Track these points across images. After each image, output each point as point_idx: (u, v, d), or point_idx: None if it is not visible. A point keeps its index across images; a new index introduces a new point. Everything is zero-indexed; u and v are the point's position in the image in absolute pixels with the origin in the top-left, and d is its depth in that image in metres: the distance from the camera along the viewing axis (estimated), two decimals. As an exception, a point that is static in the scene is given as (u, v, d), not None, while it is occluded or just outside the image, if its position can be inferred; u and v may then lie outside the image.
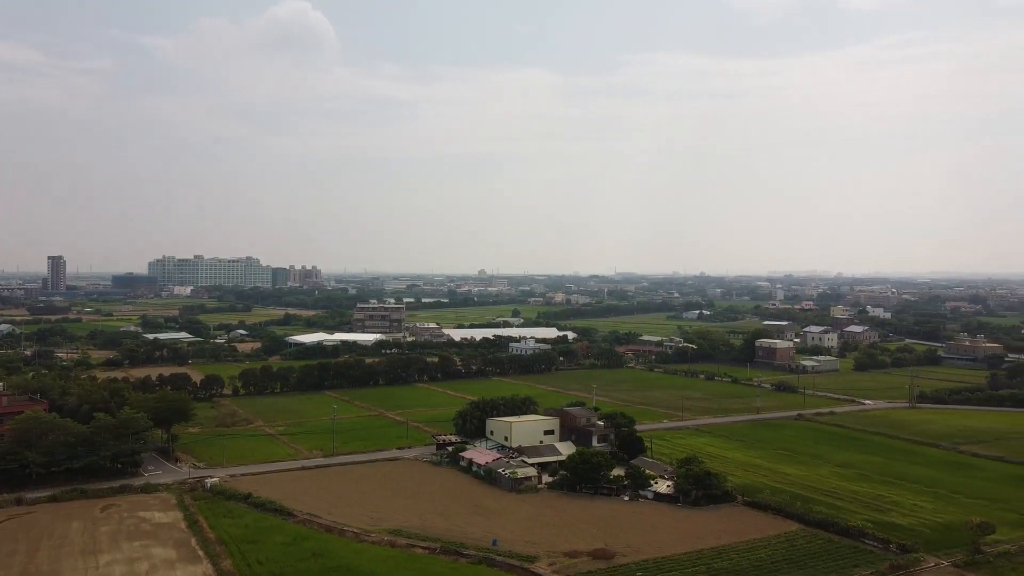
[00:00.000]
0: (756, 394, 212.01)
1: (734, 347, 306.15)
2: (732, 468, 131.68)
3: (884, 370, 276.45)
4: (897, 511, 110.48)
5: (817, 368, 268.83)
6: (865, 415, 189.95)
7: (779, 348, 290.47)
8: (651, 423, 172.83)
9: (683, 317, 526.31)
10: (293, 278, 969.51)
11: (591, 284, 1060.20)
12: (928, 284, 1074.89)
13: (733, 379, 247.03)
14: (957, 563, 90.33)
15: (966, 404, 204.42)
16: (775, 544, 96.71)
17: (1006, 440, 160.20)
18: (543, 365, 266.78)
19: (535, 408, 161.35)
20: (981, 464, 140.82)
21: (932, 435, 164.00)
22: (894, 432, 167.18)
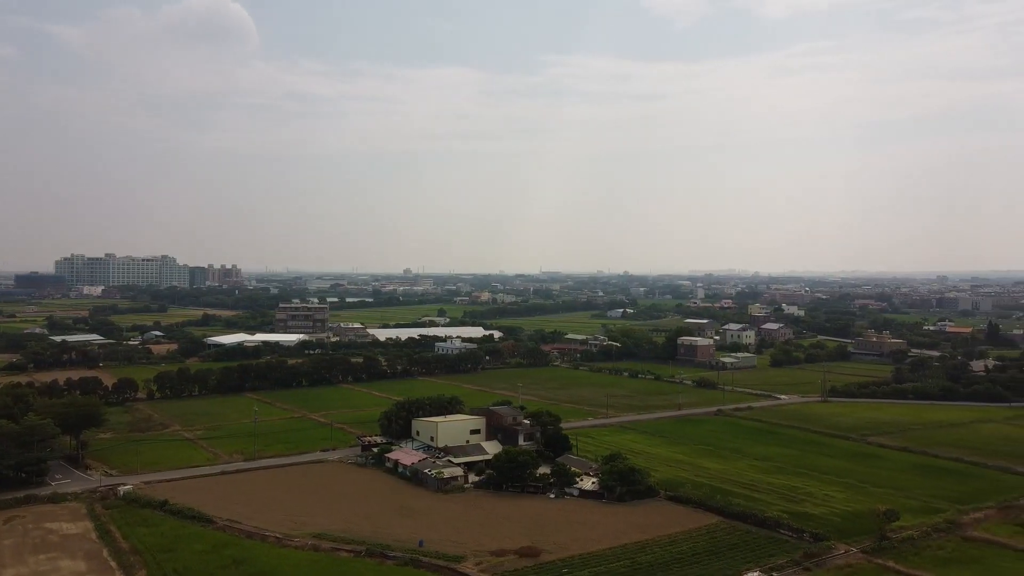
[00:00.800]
0: (678, 391, 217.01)
1: (657, 345, 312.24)
2: (655, 464, 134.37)
3: (798, 366, 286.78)
4: (810, 501, 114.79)
5: (736, 365, 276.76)
6: (781, 410, 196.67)
7: (700, 346, 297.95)
8: (577, 421, 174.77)
9: (607, 316, 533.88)
10: (212, 277, 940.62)
11: (517, 283, 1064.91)
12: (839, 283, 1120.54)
13: (656, 376, 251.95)
14: (865, 549, 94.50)
15: (873, 397, 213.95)
16: (696, 537, 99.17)
17: (909, 431, 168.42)
18: (469, 364, 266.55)
19: (461, 408, 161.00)
20: (887, 454, 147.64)
21: (842, 428, 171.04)
22: (807, 425, 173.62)
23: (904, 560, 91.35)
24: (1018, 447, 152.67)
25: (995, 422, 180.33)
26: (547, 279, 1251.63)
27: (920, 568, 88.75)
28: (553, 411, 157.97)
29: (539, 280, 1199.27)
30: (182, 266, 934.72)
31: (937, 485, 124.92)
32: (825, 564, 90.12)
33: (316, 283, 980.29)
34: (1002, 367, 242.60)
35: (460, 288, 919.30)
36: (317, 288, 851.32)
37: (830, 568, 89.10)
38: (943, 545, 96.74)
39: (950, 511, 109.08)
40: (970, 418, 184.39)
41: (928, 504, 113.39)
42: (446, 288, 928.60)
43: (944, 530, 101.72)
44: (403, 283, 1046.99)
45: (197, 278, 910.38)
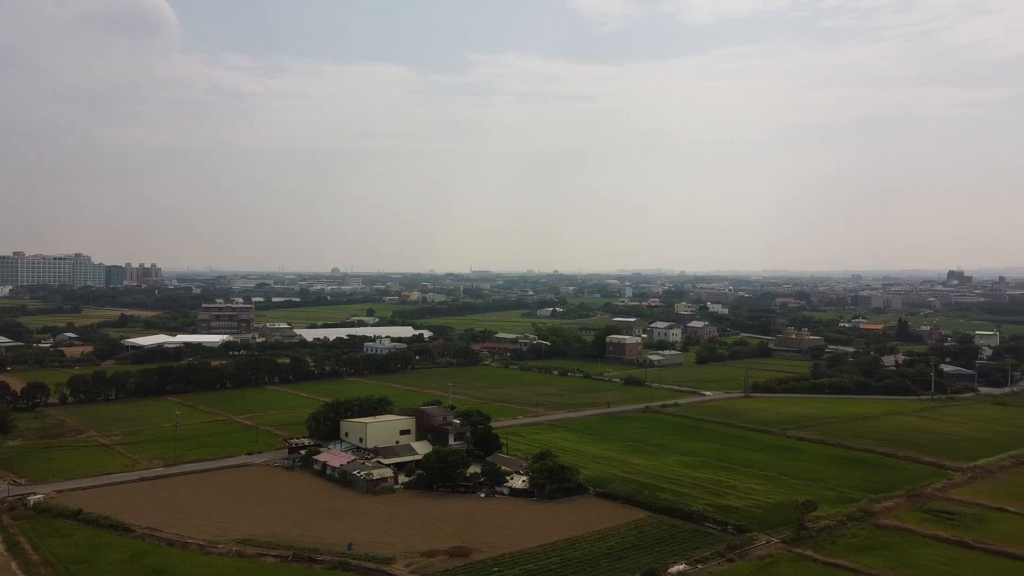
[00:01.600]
0: (607, 388, 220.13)
1: (586, 343, 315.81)
2: (585, 461, 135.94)
3: (722, 362, 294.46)
4: (734, 494, 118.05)
5: (663, 362, 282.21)
6: (706, 405, 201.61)
7: (628, 343, 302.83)
8: (507, 420, 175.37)
9: (537, 314, 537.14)
10: (130, 277, 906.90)
11: (447, 282, 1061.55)
12: (761, 282, 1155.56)
13: (585, 374, 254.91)
14: (785, 539, 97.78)
15: (793, 392, 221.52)
16: (624, 532, 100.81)
17: (826, 424, 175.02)
18: (399, 364, 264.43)
19: (391, 408, 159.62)
20: (805, 447, 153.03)
21: (764, 422, 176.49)
22: (731, 421, 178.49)
23: (821, 549, 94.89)
24: (924, 438, 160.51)
25: (904, 414, 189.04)
26: (478, 278, 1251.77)
27: (836, 556, 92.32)
28: (483, 410, 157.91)
29: (469, 279, 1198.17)
30: (97, 265, 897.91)
31: (852, 476, 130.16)
32: (747, 555, 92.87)
33: (241, 282, 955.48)
34: (910, 362, 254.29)
35: (389, 288, 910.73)
36: (242, 288, 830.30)
37: (752, 559, 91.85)
38: (857, 533, 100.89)
39: (863, 500, 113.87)
40: (882, 411, 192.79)
41: (843, 494, 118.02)
42: (375, 288, 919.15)
43: (858, 519, 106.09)
44: (331, 283, 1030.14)
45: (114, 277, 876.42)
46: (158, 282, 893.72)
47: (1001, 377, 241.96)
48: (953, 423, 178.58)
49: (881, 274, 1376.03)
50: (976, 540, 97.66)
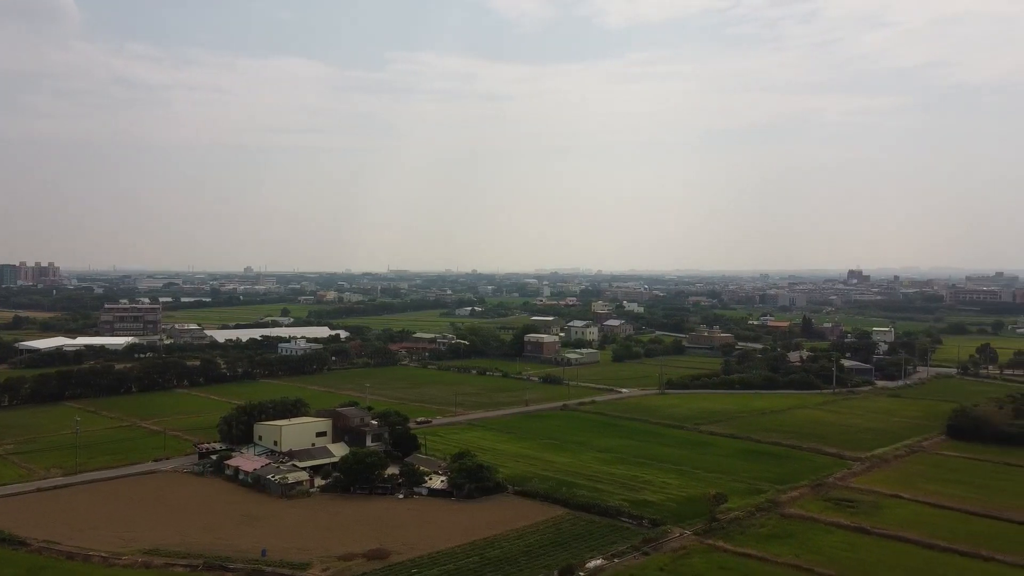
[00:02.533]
0: (525, 387, 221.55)
1: (504, 342, 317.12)
2: (504, 460, 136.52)
3: (638, 360, 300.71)
4: (649, 489, 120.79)
5: (580, 360, 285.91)
6: (622, 402, 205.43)
7: (546, 342, 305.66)
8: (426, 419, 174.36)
9: (456, 314, 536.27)
10: (24, 276, 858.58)
11: (364, 282, 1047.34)
12: (675, 281, 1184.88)
13: (504, 373, 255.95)
14: (698, 531, 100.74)
15: (705, 388, 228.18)
16: (543, 529, 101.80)
17: (736, 419, 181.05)
18: (315, 365, 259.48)
19: (306, 410, 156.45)
20: (717, 441, 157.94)
21: (678, 418, 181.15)
22: (646, 417, 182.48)
23: (731, 539, 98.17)
24: (827, 430, 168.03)
25: (808, 408, 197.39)
26: (395, 278, 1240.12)
27: (745, 546, 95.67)
28: (402, 411, 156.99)
29: (387, 279, 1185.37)
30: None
31: (760, 468, 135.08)
32: (662, 548, 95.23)
33: (147, 282, 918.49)
34: (814, 358, 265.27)
35: (305, 287, 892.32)
36: (148, 288, 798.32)
37: (666, 551, 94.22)
38: (765, 523, 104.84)
39: (771, 491, 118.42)
40: (788, 405, 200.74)
41: (753, 486, 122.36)
42: (290, 287, 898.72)
43: (766, 509, 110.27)
44: (244, 282, 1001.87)
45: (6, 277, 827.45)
46: (56, 282, 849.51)
47: (896, 371, 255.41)
48: (852, 415, 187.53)
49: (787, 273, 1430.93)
50: (873, 526, 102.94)
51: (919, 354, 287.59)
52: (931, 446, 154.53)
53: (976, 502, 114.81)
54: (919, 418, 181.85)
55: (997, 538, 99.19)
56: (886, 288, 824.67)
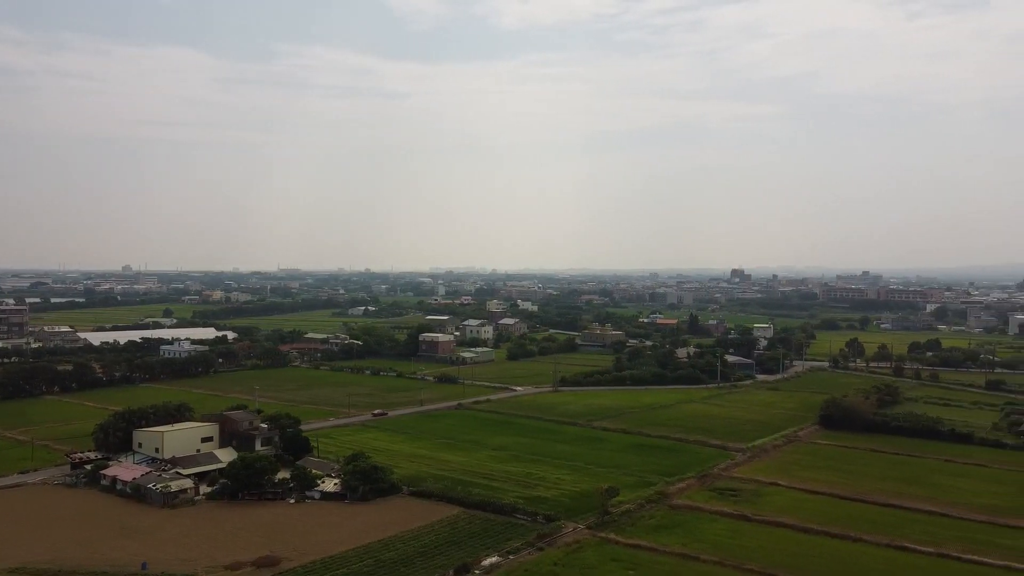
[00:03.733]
0: (420, 387, 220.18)
1: (399, 342, 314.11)
2: (398, 460, 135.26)
3: (533, 358, 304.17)
4: (543, 486, 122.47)
5: (475, 359, 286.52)
6: (516, 400, 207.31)
7: (441, 341, 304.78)
8: (318, 421, 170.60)
9: (349, 314, 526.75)
10: None
11: (253, 281, 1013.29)
12: (568, 280, 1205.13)
13: (398, 373, 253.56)
14: (590, 525, 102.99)
15: (598, 385, 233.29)
16: (439, 529, 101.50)
17: (627, 414, 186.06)
18: (200, 368, 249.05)
19: (191, 415, 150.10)
20: (609, 437, 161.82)
21: (571, 414, 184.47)
22: (540, 414, 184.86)
23: (623, 531, 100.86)
24: (712, 423, 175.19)
25: (695, 402, 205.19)
26: (286, 277, 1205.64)
27: (635, 537, 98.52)
28: (293, 413, 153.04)
29: (277, 278, 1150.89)
30: None
31: (650, 461, 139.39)
32: (556, 543, 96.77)
33: (12, 282, 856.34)
34: (700, 353, 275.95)
35: (189, 287, 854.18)
36: (13, 287, 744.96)
37: (560, 546, 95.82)
38: (654, 514, 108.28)
39: (660, 484, 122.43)
40: (676, 399, 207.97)
41: (643, 479, 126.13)
42: (173, 287, 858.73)
43: (655, 501, 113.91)
44: (122, 281, 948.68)
45: None
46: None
47: (774, 365, 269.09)
48: (736, 408, 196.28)
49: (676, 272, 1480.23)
50: (754, 513, 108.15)
51: (795, 349, 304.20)
52: (806, 436, 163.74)
53: (846, 487, 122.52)
54: (795, 409, 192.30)
55: (864, 520, 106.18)
56: (766, 286, 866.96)
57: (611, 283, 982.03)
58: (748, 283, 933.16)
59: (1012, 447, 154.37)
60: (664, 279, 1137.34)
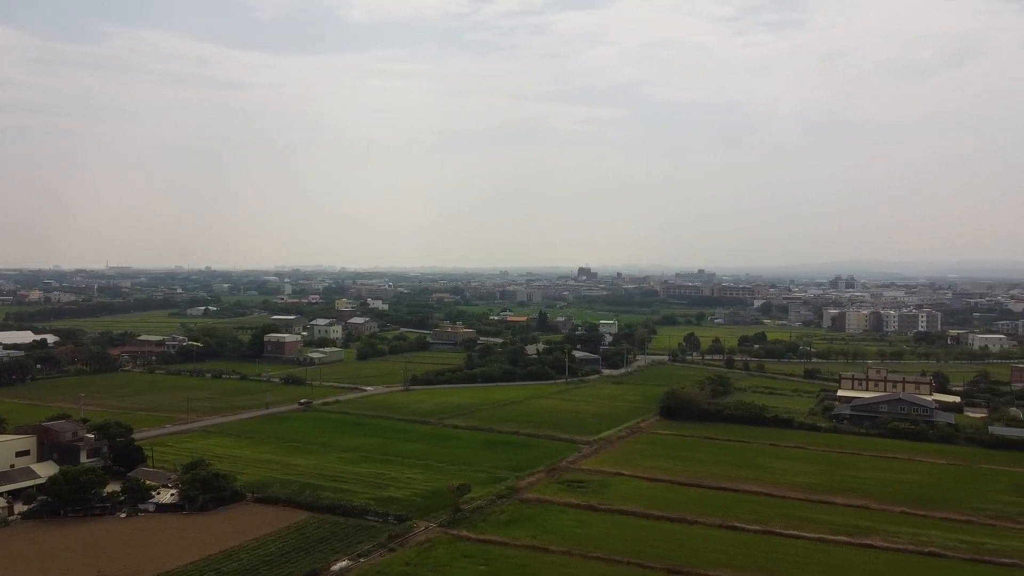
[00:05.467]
0: (266, 389, 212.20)
1: (243, 343, 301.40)
2: (242, 466, 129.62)
3: (383, 357, 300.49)
4: (395, 486, 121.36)
5: (324, 360, 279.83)
6: (366, 400, 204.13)
7: (287, 342, 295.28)
8: (153, 429, 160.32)
9: (188, 314, 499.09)
10: None
11: (78, 280, 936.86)
12: (419, 278, 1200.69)
13: (242, 376, 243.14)
14: (442, 523, 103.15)
15: (449, 383, 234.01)
16: (286, 536, 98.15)
17: (479, 411, 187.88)
18: (15, 375, 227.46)
19: (3, 427, 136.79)
20: (461, 434, 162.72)
21: (422, 413, 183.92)
22: (391, 414, 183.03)
23: (474, 527, 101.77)
24: (560, 417, 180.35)
25: (544, 397, 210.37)
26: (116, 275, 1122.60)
27: (487, 532, 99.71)
28: (125, 421, 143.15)
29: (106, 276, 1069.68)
30: None
31: (500, 457, 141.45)
32: (408, 543, 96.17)
33: None
34: (549, 350, 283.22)
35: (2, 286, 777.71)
36: None
37: (412, 545, 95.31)
38: (505, 509, 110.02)
39: (510, 479, 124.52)
40: (526, 395, 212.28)
41: (493, 475, 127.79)
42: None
43: (506, 496, 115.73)
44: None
45: None
46: None
47: (619, 360, 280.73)
48: (582, 402, 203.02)
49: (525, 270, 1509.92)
50: (600, 503, 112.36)
51: (638, 344, 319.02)
52: (648, 426, 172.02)
53: (683, 473, 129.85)
54: (638, 402, 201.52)
55: (700, 503, 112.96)
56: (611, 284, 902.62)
57: (462, 281, 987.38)
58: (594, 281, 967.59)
59: (825, 430, 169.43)
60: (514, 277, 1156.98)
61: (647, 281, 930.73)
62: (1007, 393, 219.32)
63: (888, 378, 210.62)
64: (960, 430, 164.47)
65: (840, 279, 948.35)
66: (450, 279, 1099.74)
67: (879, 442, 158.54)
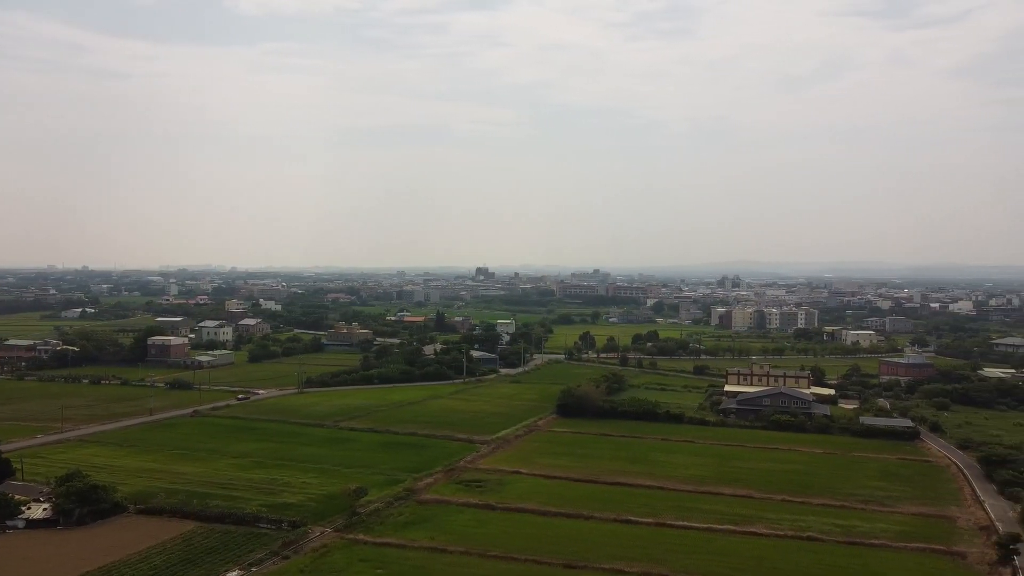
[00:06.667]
0: (150, 394, 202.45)
1: (124, 347, 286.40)
2: (124, 476, 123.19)
3: (276, 360, 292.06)
4: (289, 491, 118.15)
5: (213, 363, 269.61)
6: (259, 404, 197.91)
7: (173, 345, 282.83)
8: (23, 440, 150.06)
9: (63, 316, 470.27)
10: None
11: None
12: (314, 278, 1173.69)
13: (124, 381, 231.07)
14: (338, 528, 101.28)
15: (345, 385, 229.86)
16: (171, 548, 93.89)
17: (376, 413, 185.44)
18: None
19: None
20: (358, 436, 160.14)
21: (317, 416, 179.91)
22: (285, 417, 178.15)
23: (371, 531, 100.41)
24: (458, 417, 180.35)
25: (442, 398, 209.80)
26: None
27: (384, 535, 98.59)
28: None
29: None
30: None
31: (398, 458, 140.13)
32: (302, 549, 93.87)
33: None
34: (446, 350, 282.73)
35: None
36: None
37: (307, 552, 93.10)
38: (403, 511, 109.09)
39: (408, 480, 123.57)
40: (423, 396, 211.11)
41: (392, 477, 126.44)
42: None
43: (403, 498, 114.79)
44: None
45: None
46: None
47: (516, 359, 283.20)
48: (480, 402, 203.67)
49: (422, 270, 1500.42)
50: (498, 501, 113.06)
51: (535, 343, 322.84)
52: (545, 424, 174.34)
53: (580, 470, 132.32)
54: (535, 400, 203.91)
55: (595, 499, 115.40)
56: (508, 284, 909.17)
57: (359, 282, 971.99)
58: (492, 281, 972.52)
59: (713, 424, 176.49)
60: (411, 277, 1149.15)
61: (544, 281, 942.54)
62: (875, 385, 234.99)
63: (770, 373, 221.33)
64: (834, 421, 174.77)
65: (727, 279, 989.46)
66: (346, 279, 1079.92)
67: (762, 434, 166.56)
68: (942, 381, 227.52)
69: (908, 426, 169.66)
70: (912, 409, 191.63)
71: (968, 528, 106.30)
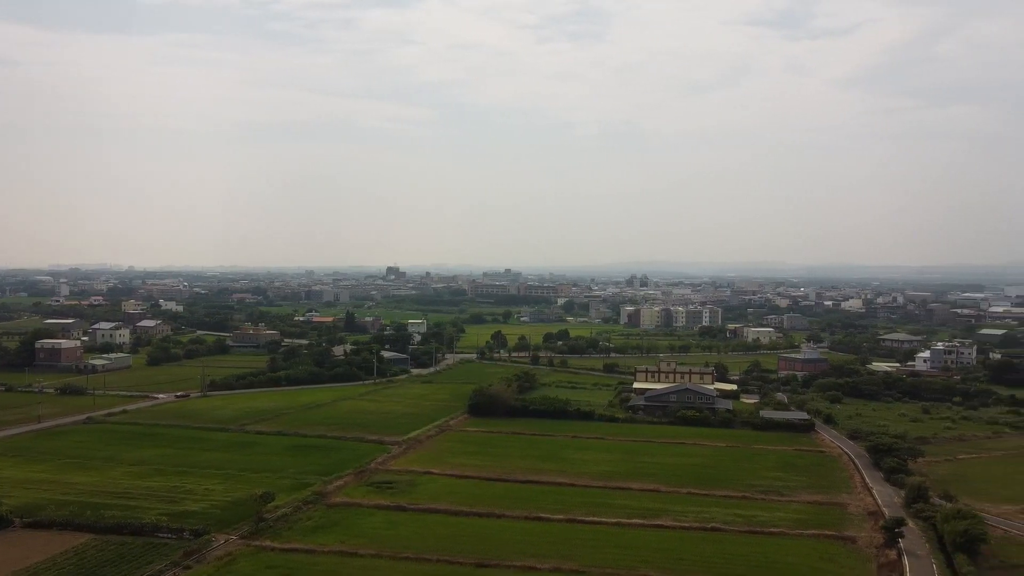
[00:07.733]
0: (38, 401, 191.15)
1: (9, 350, 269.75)
2: (10, 488, 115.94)
3: (178, 363, 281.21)
4: (191, 499, 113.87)
5: (108, 366, 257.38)
6: (158, 409, 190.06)
7: (64, 348, 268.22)
8: None
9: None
10: None
11: None
12: (218, 277, 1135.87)
13: (8, 387, 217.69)
14: (244, 535, 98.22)
15: (251, 387, 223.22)
16: (62, 562, 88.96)
17: (283, 415, 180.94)
18: None
19: None
20: (264, 440, 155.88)
21: (222, 420, 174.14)
22: (187, 422, 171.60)
23: (278, 537, 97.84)
24: (369, 418, 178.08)
25: (352, 399, 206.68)
26: None
27: (292, 541, 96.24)
28: None
29: None
30: None
31: (307, 462, 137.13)
32: (205, 558, 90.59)
33: None
34: (357, 350, 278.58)
35: None
36: None
37: (210, 561, 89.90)
38: (312, 515, 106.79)
39: (317, 484, 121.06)
40: (333, 397, 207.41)
41: (300, 481, 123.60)
42: None
43: (312, 502, 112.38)
44: None
45: None
46: None
47: (428, 359, 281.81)
48: (391, 402, 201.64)
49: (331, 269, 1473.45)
50: (410, 502, 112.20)
51: (447, 342, 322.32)
52: (457, 424, 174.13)
53: (492, 469, 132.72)
54: (447, 400, 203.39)
55: (507, 497, 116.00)
56: (420, 283, 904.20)
57: (265, 281, 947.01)
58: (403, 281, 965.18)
59: (622, 420, 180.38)
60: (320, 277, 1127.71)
61: (456, 280, 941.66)
62: (774, 380, 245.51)
63: (677, 370, 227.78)
64: (737, 415, 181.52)
65: (635, 278, 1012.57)
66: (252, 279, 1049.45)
67: (669, 429, 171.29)
68: (835, 375, 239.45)
69: (804, 418, 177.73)
70: (808, 402, 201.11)
71: (858, 514, 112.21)
